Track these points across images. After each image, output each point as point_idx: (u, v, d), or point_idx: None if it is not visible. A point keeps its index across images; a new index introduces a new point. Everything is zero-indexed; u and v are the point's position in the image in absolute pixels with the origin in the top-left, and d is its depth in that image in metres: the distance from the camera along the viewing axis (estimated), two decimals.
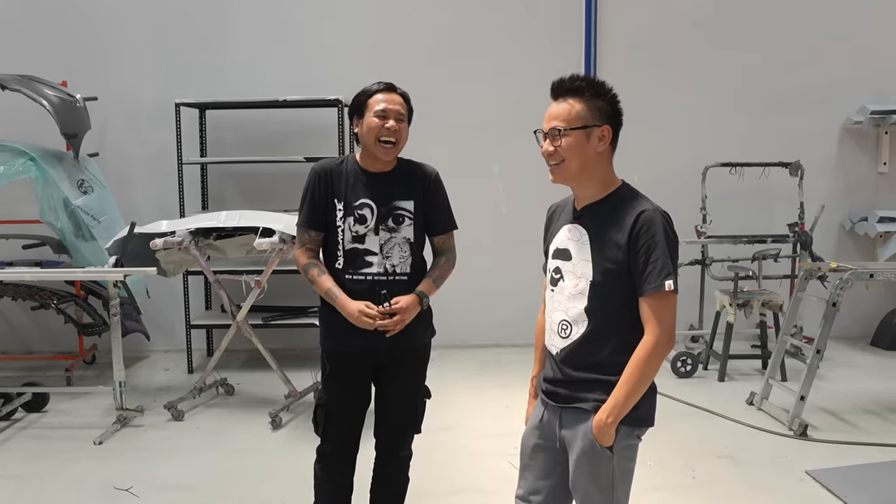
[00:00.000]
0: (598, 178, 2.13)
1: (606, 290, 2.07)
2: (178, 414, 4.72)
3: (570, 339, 2.13)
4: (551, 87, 2.13)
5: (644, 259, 2.01)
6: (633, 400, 2.03)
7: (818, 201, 5.98)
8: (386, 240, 2.67)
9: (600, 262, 2.07)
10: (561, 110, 2.09)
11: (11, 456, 4.19)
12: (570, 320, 2.13)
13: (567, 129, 2.07)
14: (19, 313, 6.21)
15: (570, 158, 2.09)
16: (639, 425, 2.12)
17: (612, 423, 2.04)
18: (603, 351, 2.08)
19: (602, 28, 6.31)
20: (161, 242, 4.61)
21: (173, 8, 6.24)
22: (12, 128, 5.68)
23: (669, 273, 1.99)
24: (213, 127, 6.28)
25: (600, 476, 2.11)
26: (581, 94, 2.09)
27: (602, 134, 2.09)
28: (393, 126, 2.64)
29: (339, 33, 6.27)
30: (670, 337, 2.02)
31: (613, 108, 2.12)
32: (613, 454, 2.08)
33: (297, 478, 3.86)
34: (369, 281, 2.65)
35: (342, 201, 2.68)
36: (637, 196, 2.12)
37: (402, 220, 2.69)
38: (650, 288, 2.00)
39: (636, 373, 2.01)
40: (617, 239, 2.05)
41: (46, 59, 6.03)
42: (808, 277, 4.83)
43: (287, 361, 5.33)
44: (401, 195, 2.69)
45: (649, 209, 2.05)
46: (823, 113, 6.44)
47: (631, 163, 6.31)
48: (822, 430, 4.42)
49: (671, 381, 5.43)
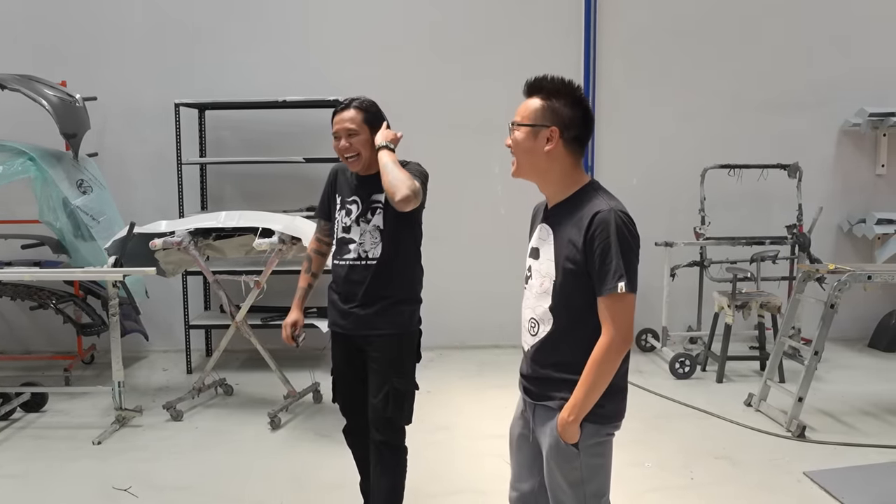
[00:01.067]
0: (557, 178, 2.14)
1: (568, 290, 2.09)
2: (176, 414, 4.73)
3: (538, 336, 2.17)
4: (524, 85, 2.17)
5: (599, 260, 2.01)
6: (592, 399, 2.05)
7: (816, 203, 6.00)
8: (364, 230, 2.91)
9: (561, 263, 2.09)
10: (522, 106, 2.14)
11: (10, 456, 4.19)
12: (538, 318, 2.17)
13: (518, 124, 2.12)
14: (18, 313, 6.20)
15: (518, 154, 2.14)
16: (605, 423, 2.13)
17: (573, 422, 2.06)
18: (567, 349, 2.11)
19: (601, 30, 6.32)
20: (160, 242, 4.62)
21: (173, 8, 6.24)
22: (12, 128, 5.68)
23: (622, 275, 1.99)
24: (213, 127, 6.29)
25: (569, 472, 2.14)
26: (541, 92, 2.12)
27: (549, 135, 2.08)
28: (345, 144, 2.89)
29: (339, 34, 6.27)
30: (625, 337, 2.03)
31: (574, 110, 2.10)
32: (580, 451, 2.11)
33: (295, 478, 3.88)
34: (347, 266, 2.93)
35: (340, 197, 3.00)
36: (598, 195, 2.11)
37: (375, 211, 2.91)
38: (605, 290, 2.01)
39: (592, 373, 2.03)
40: (575, 239, 2.06)
41: (46, 58, 6.03)
42: (806, 279, 4.85)
43: (286, 362, 5.33)
44: (378, 189, 2.85)
45: (604, 209, 2.04)
46: (822, 115, 6.45)
47: (630, 165, 6.46)
48: (819, 431, 4.43)
49: (669, 381, 5.44)
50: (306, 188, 6.17)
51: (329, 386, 3.13)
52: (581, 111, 2.11)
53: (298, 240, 4.46)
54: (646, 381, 5.46)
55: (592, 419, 2.09)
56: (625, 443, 4.27)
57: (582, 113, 2.11)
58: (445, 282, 5.54)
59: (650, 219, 6.33)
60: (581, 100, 2.12)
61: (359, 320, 2.91)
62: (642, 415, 4.75)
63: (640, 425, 4.56)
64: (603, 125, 6.37)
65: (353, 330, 2.94)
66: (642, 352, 6.30)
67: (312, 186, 6.18)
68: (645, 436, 4.39)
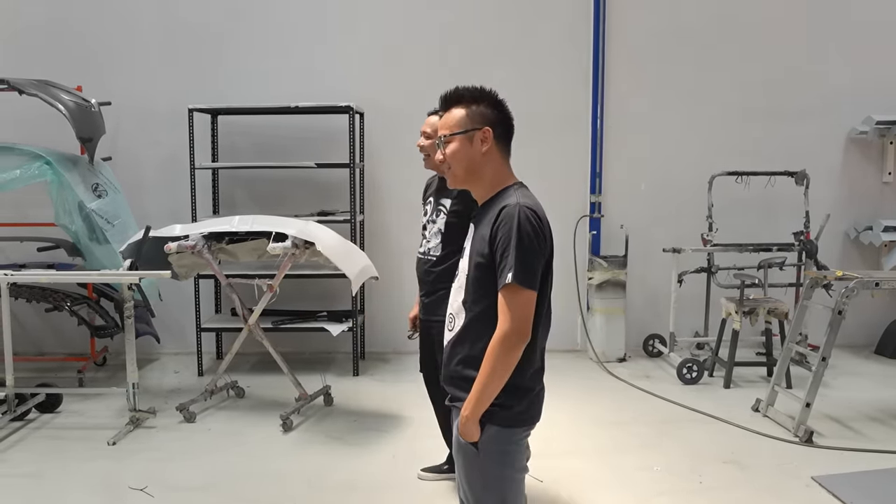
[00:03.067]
0: (489, 180, 2.20)
1: (478, 284, 2.11)
2: (189, 416, 4.78)
3: (453, 331, 2.20)
4: (439, 101, 2.25)
5: (500, 253, 2.04)
6: (488, 394, 2.03)
7: (823, 210, 6.03)
8: (432, 230, 3.47)
9: (474, 257, 2.14)
10: (445, 119, 2.22)
11: (26, 455, 4.25)
12: (454, 313, 2.21)
13: (449, 135, 2.19)
14: (31, 315, 6.27)
15: (455, 162, 2.19)
16: (510, 425, 2.10)
17: (469, 417, 2.05)
18: (476, 345, 2.10)
19: (609, 37, 6.37)
20: (175, 246, 4.68)
21: (186, 15, 6.32)
22: (29, 132, 5.75)
23: (513, 267, 2.00)
24: (225, 132, 6.35)
25: (471, 474, 2.14)
26: (461, 102, 2.20)
27: (483, 136, 2.16)
28: (422, 143, 3.46)
29: (351, 41, 6.34)
30: (518, 330, 2.00)
31: (496, 110, 2.19)
32: (480, 453, 2.09)
33: (308, 480, 3.92)
34: (419, 259, 3.57)
35: (427, 199, 3.60)
36: (513, 193, 2.15)
37: (440, 213, 3.44)
38: (500, 282, 2.03)
39: (486, 366, 2.02)
40: (485, 234, 2.10)
41: (62, 64, 6.11)
42: (814, 286, 4.88)
43: (296, 365, 5.38)
44: (447, 194, 3.39)
45: (511, 204, 2.07)
46: (829, 122, 6.49)
47: (638, 171, 6.51)
48: (827, 436, 4.46)
49: (677, 386, 5.48)
50: (317, 193, 6.23)
51: (338, 389, 3.21)
52: (500, 110, 2.21)
53: (311, 244, 4.51)
54: (653, 385, 5.50)
55: (496, 420, 2.07)
56: (633, 447, 4.37)
57: (502, 111, 2.21)
58: None
59: (658, 225, 6.42)
60: (499, 101, 2.22)
61: (425, 307, 3.52)
62: (650, 419, 4.80)
63: (648, 430, 4.60)
64: (611, 131, 6.42)
65: (423, 314, 3.55)
66: (649, 357, 6.34)
67: (323, 191, 6.26)
68: (653, 440, 4.42)
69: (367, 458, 4.22)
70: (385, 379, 5.78)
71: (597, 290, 6.21)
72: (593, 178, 6.46)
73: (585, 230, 6.40)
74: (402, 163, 6.36)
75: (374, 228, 6.41)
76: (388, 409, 5.00)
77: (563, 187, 6.28)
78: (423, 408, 4.89)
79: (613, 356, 6.19)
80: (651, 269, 6.40)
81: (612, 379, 5.74)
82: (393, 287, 6.28)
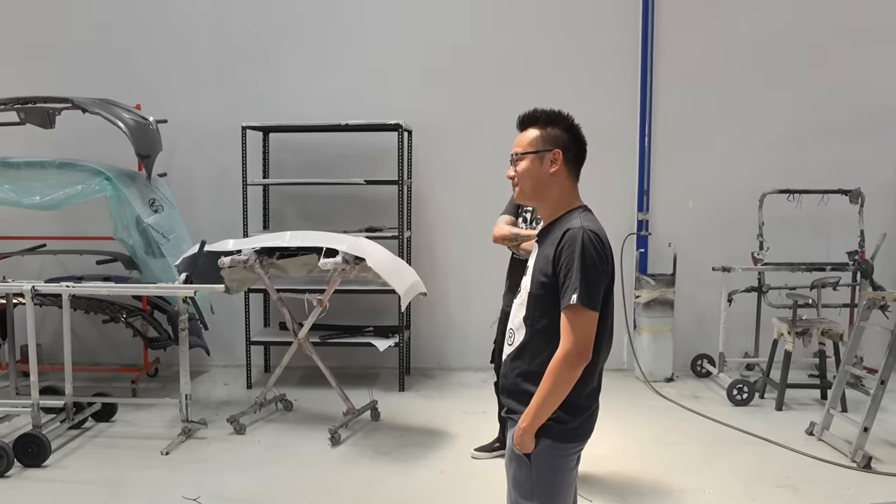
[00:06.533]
0: (554, 200, 2.27)
1: (540, 302, 2.18)
2: (240, 427, 4.86)
3: (513, 346, 2.27)
4: (517, 121, 2.33)
5: (563, 274, 2.11)
6: (546, 409, 2.10)
7: (878, 229, 5.90)
8: None
9: (537, 275, 2.20)
10: (519, 139, 2.30)
11: (84, 462, 4.37)
12: (514, 328, 2.28)
13: (522, 153, 2.27)
14: (87, 326, 6.45)
15: (523, 180, 2.28)
16: (563, 440, 2.16)
17: (526, 430, 2.13)
18: (535, 361, 2.17)
19: (658, 56, 6.35)
20: (228, 261, 4.78)
21: (239, 37, 6.48)
22: (89, 149, 5.95)
23: (577, 288, 2.06)
24: (276, 149, 6.49)
25: (521, 483, 2.20)
26: (536, 123, 2.28)
27: (553, 157, 2.23)
28: None
29: (399, 60, 6.43)
30: (580, 350, 2.07)
31: (569, 133, 2.26)
32: (532, 463, 2.16)
33: (357, 495, 3.95)
34: (513, 259, 4.10)
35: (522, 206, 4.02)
36: (578, 216, 2.21)
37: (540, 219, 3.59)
38: (563, 302, 2.09)
39: (546, 383, 2.09)
40: (548, 253, 2.17)
41: (122, 84, 6.31)
42: (871, 307, 4.76)
43: (343, 379, 5.42)
44: None
45: (575, 227, 2.14)
46: (883, 140, 6.35)
47: (688, 190, 6.46)
48: (886, 462, 4.33)
49: (727, 408, 5.38)
50: (365, 210, 6.31)
51: (384, 405, 3.22)
52: (574, 135, 2.27)
53: (362, 259, 4.57)
54: (703, 406, 5.41)
55: (550, 434, 2.14)
56: (683, 468, 4.30)
57: (575, 136, 2.27)
58: None
59: (707, 243, 6.35)
60: (573, 125, 2.29)
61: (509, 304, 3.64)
62: (700, 441, 4.72)
63: (699, 450, 4.53)
64: (659, 149, 6.39)
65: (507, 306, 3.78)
66: (697, 377, 6.24)
67: (371, 208, 6.34)
68: (704, 462, 4.35)
69: (415, 474, 4.24)
70: (430, 395, 5.80)
71: (644, 309, 6.16)
72: (640, 196, 6.42)
73: (632, 248, 6.36)
74: (448, 180, 6.42)
75: (420, 244, 6.46)
76: (435, 426, 5.01)
77: (609, 204, 6.18)
78: (468, 425, 4.89)
79: (661, 376, 6.11)
80: (699, 287, 6.31)
81: (660, 399, 5.66)
82: (438, 303, 6.31)
